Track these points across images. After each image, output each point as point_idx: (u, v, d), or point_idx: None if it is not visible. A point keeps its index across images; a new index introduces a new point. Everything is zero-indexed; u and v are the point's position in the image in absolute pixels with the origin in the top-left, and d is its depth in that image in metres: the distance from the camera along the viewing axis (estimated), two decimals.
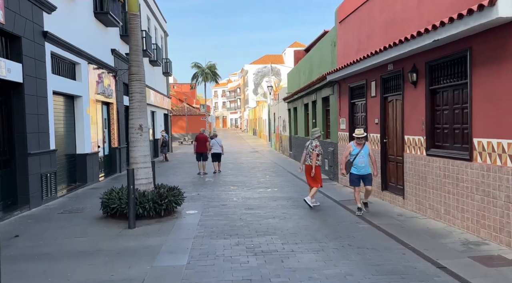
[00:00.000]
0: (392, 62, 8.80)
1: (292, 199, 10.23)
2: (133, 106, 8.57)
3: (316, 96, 15.67)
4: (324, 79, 13.13)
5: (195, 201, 10.20)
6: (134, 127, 8.55)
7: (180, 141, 44.09)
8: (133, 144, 8.55)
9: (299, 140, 20.19)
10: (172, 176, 15.59)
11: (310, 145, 9.32)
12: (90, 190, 12.46)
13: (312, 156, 9.19)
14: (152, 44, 24.58)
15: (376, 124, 9.77)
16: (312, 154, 9.19)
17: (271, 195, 10.91)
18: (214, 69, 48.23)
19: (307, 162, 9.38)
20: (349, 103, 11.62)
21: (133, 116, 8.57)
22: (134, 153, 8.52)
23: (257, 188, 12.22)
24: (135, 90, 8.55)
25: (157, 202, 8.06)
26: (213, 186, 12.95)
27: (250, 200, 10.24)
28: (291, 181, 13.68)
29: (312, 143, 9.31)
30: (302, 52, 24.42)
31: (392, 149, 9.23)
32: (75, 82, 12.94)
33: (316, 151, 9.22)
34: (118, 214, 8.05)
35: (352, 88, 11.48)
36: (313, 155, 9.19)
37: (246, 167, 18.94)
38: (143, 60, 8.80)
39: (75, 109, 13.28)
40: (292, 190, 11.84)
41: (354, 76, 10.96)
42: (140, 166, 8.50)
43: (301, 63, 20.31)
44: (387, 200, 9.33)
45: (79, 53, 12.86)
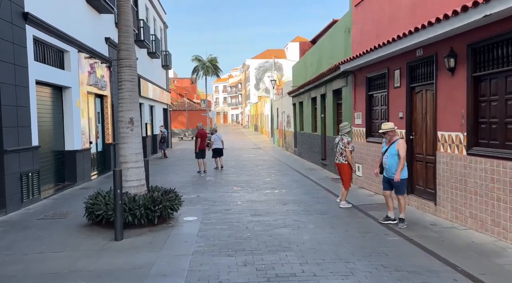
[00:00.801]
0: (422, 47, 7.62)
1: (303, 203, 9.07)
2: (122, 96, 7.40)
3: (326, 89, 14.48)
4: (337, 69, 11.94)
5: (195, 205, 9.05)
6: (123, 121, 7.39)
7: (180, 136, 42.93)
8: (122, 141, 7.39)
9: (305, 136, 19.03)
10: (170, 175, 14.44)
11: (340, 142, 8.70)
12: (79, 191, 11.32)
13: (346, 154, 8.59)
14: (151, 35, 23.36)
15: (400, 118, 8.60)
16: (345, 151, 8.57)
17: (279, 198, 9.76)
18: (215, 62, 46.90)
19: (338, 160, 8.71)
20: (366, 95, 10.44)
21: (122, 108, 7.40)
22: (123, 151, 7.36)
23: (262, 189, 11.08)
24: (125, 77, 7.38)
25: (150, 208, 6.90)
26: (214, 186, 11.80)
27: (256, 203, 9.09)
28: (299, 181, 12.53)
29: (343, 140, 8.63)
30: (308, 44, 23.22)
31: (420, 147, 8.06)
32: (63, 71, 11.76)
33: (349, 148, 8.52)
34: (105, 221, 6.90)
35: (370, 79, 10.29)
36: (347, 153, 8.53)
37: (249, 164, 17.79)
38: (134, 44, 7.63)
39: (64, 102, 12.11)
40: (301, 191, 10.68)
41: (373, 65, 9.78)
42: (131, 166, 7.34)
43: (307, 55, 19.10)
44: (414, 206, 8.17)
45: (67, 40, 11.68)
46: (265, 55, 67.24)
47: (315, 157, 16.81)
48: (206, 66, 46.13)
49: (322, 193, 10.39)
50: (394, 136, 7.10)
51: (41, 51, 10.51)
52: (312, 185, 11.77)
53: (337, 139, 8.84)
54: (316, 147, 16.62)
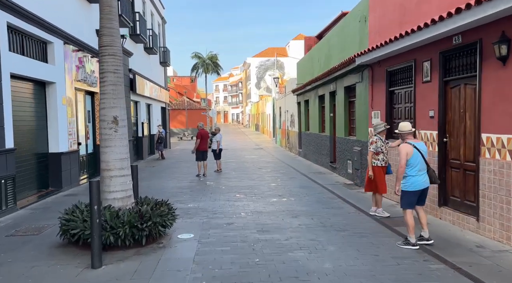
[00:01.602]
0: (461, 33, 6.41)
1: (317, 215, 7.87)
2: (104, 91, 6.19)
3: (336, 86, 13.28)
4: (351, 63, 10.75)
5: (192, 217, 7.85)
6: (106, 120, 6.18)
7: (180, 136, 41.73)
8: (105, 144, 6.19)
9: (311, 137, 17.83)
10: (166, 179, 13.24)
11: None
12: (64, 198, 10.14)
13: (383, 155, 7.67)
14: (148, 30, 22.16)
15: (430, 118, 7.40)
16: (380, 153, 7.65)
17: (288, 208, 8.56)
18: (216, 59, 45.50)
19: (376, 163, 7.65)
20: (386, 91, 9.24)
21: (104, 104, 6.20)
22: (106, 156, 6.16)
23: (268, 197, 9.88)
24: (108, 68, 6.17)
25: (137, 226, 5.71)
26: (214, 193, 10.60)
27: (263, 215, 7.89)
28: (308, 187, 11.33)
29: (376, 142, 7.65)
30: (313, 39, 22.01)
31: (457, 152, 6.86)
32: (46, 65, 10.56)
33: (370, 149, 7.54)
34: (82, 242, 5.71)
35: (391, 73, 9.09)
36: (369, 154, 7.66)
37: (251, 167, 16.59)
38: (118, 28, 6.42)
39: (47, 99, 10.90)
40: (312, 200, 9.49)
41: (396, 57, 8.58)
42: (115, 174, 6.14)
43: (314, 50, 17.89)
44: (448, 220, 6.96)
45: (51, 30, 10.47)
46: (266, 53, 66.03)
47: (323, 159, 15.61)
48: (206, 64, 44.77)
49: (337, 202, 9.19)
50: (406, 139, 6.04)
51: (18, 41, 9.32)
52: (323, 192, 10.57)
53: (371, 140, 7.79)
54: (324, 149, 15.42)
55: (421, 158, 5.83)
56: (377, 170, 7.51)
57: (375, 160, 7.55)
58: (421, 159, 5.83)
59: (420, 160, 5.83)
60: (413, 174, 5.83)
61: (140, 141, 20.82)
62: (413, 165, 5.82)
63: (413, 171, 5.83)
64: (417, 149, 5.83)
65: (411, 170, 5.84)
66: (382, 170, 7.54)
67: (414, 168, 5.83)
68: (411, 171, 5.84)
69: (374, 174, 7.50)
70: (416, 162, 5.82)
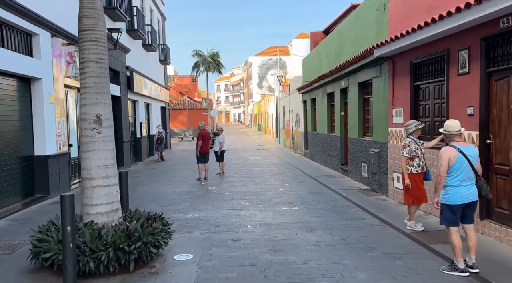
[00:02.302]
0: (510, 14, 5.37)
1: (336, 228, 6.83)
2: (85, 84, 5.17)
3: (348, 82, 12.24)
4: (367, 56, 9.71)
5: (191, 231, 6.83)
6: (87, 119, 5.16)
7: (181, 136, 40.71)
8: (86, 147, 5.17)
9: (318, 137, 16.79)
10: (165, 183, 12.21)
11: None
12: (51, 206, 9.14)
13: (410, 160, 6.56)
14: (146, 25, 21.14)
15: (469, 116, 6.35)
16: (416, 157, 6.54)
17: (301, 219, 7.53)
18: (217, 57, 44.38)
19: (411, 170, 6.55)
20: (411, 86, 8.19)
21: (86, 100, 5.17)
22: (88, 163, 5.14)
23: (277, 205, 8.85)
24: (89, 56, 5.15)
25: (123, 248, 4.68)
26: (217, 200, 9.58)
27: (273, 229, 6.85)
28: (320, 193, 10.29)
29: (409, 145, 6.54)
30: (320, 34, 20.94)
31: (504, 156, 5.81)
32: (30, 59, 9.56)
33: (403, 154, 6.50)
34: (56, 267, 4.68)
35: (417, 65, 8.05)
36: (402, 160, 6.55)
37: (255, 169, 15.56)
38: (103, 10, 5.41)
39: (33, 96, 9.89)
40: (327, 208, 8.45)
41: (423, 47, 7.53)
42: (98, 184, 5.12)
43: (322, 45, 16.85)
44: (493, 236, 5.91)
45: (36, 20, 9.47)
46: (268, 52, 65.00)
47: (333, 161, 14.57)
48: (207, 62, 43.66)
49: (355, 211, 8.15)
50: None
51: None
52: (338, 198, 9.53)
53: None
54: (334, 150, 14.38)
55: (468, 166, 4.78)
56: (413, 178, 6.44)
57: (410, 166, 6.48)
58: (467, 166, 4.77)
59: (466, 168, 4.77)
60: (455, 184, 4.79)
61: (139, 142, 19.82)
62: (455, 173, 4.78)
63: (454, 181, 4.79)
64: (462, 154, 4.78)
65: (453, 179, 4.80)
66: (418, 178, 6.48)
67: (457, 177, 4.78)
68: (452, 180, 4.80)
69: (410, 182, 6.42)
70: (460, 170, 4.78)
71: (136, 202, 9.38)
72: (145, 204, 9.13)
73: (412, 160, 6.47)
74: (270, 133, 41.18)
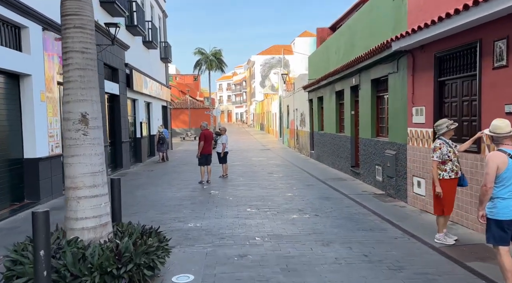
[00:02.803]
0: None
1: (355, 241, 6.09)
2: (69, 78, 4.44)
3: (360, 79, 11.49)
4: (383, 50, 8.96)
5: (193, 244, 6.09)
6: (71, 119, 4.44)
7: (182, 136, 39.99)
8: (69, 152, 4.45)
9: (326, 137, 16.04)
10: (164, 187, 11.49)
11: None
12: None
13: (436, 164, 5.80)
14: (146, 22, 20.42)
15: (507, 114, 5.59)
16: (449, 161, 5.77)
17: (314, 229, 6.79)
18: (220, 56, 43.55)
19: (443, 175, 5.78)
20: (434, 82, 7.43)
21: (69, 97, 4.44)
22: (71, 170, 4.42)
23: (286, 212, 8.11)
24: (73, 45, 4.42)
25: (111, 272, 3.95)
26: (221, 206, 8.85)
27: (285, 242, 6.11)
28: (331, 198, 9.55)
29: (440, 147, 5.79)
30: (327, 31, 20.20)
31: None
32: (19, 54, 8.86)
33: (434, 158, 5.74)
34: None
35: (441, 58, 7.28)
36: (433, 164, 5.79)
37: (260, 171, 14.83)
38: None
39: (22, 94, 9.19)
40: (342, 216, 7.71)
41: (450, 38, 6.77)
42: (84, 194, 4.40)
43: (330, 41, 16.08)
44: None
45: (25, 12, 8.77)
46: (271, 51, 64.22)
47: (342, 163, 13.82)
48: (209, 60, 42.86)
49: (374, 220, 7.40)
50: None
51: None
52: (352, 205, 8.79)
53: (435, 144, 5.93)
54: (343, 151, 13.63)
55: None
56: (445, 185, 5.69)
57: (442, 171, 5.73)
58: None
59: None
60: (505, 196, 4.05)
61: (139, 142, 19.11)
62: (506, 183, 4.04)
63: (505, 192, 4.05)
64: None
65: (503, 190, 4.05)
66: (451, 184, 5.72)
67: (508, 187, 4.04)
68: (502, 191, 4.06)
69: (442, 190, 5.67)
70: (511, 180, 4.04)
71: (133, 209, 8.68)
72: (143, 211, 8.42)
73: (444, 164, 5.72)
74: (273, 132, 40.45)
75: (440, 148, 5.74)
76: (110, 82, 14.86)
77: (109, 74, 15.16)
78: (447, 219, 5.94)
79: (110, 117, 15.22)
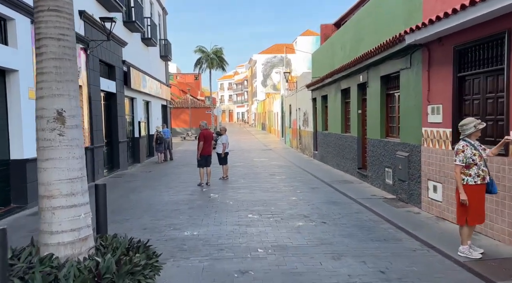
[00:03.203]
0: None
1: (369, 254, 5.47)
2: (43, 69, 3.83)
3: (368, 76, 10.87)
4: (395, 44, 8.34)
5: (188, 256, 5.48)
6: (45, 117, 3.83)
7: (183, 136, 39.40)
8: (43, 155, 3.84)
9: (330, 137, 15.42)
10: (161, 190, 10.88)
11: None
12: (28, 218, 7.88)
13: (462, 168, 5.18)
14: (146, 18, 19.82)
15: None
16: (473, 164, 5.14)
17: (323, 239, 6.17)
18: (221, 54, 42.87)
19: (467, 180, 5.15)
20: (453, 78, 6.81)
21: (43, 91, 3.84)
22: (45, 175, 3.82)
23: (291, 219, 7.50)
24: (47, 31, 3.81)
25: None
26: (220, 211, 8.24)
27: (291, 254, 5.49)
28: (339, 203, 8.93)
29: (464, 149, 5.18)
30: (331, 27, 19.59)
31: None
32: (4, 47, 8.27)
33: (456, 162, 5.14)
34: None
35: (461, 52, 6.66)
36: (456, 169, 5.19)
37: (262, 172, 14.22)
38: None
39: (8, 91, 8.61)
40: (351, 224, 7.09)
41: (471, 29, 6.15)
42: (60, 204, 3.80)
43: (335, 38, 15.47)
44: None
45: (11, 3, 8.18)
46: (273, 50, 63.64)
47: (348, 164, 13.20)
48: (210, 58, 42.23)
49: (387, 229, 6.78)
50: None
51: None
52: (361, 210, 8.17)
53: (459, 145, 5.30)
54: (349, 152, 13.01)
55: None
56: (469, 191, 5.07)
57: (466, 176, 5.11)
58: None
59: None
60: None
61: (137, 142, 18.51)
62: None
63: None
64: None
65: None
66: (477, 191, 5.10)
67: None
68: None
69: (467, 196, 5.05)
70: None
71: (126, 214, 8.09)
72: (136, 217, 7.82)
73: (468, 169, 5.10)
74: (275, 132, 39.87)
75: (463, 150, 5.12)
76: (106, 80, 14.27)
77: (105, 71, 14.57)
78: (472, 229, 5.32)
79: (106, 116, 14.63)
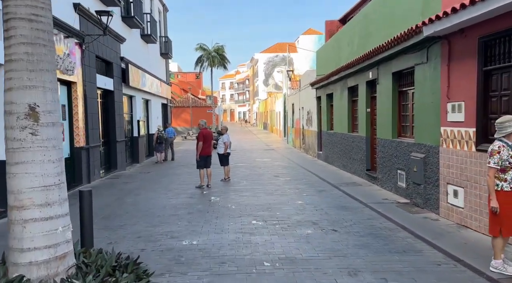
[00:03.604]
0: None
1: (389, 269, 4.86)
2: (11, 56, 3.26)
3: (378, 72, 10.27)
4: (412, 36, 7.72)
5: (185, 271, 4.88)
6: (14, 113, 3.27)
7: (184, 135, 38.84)
8: (13, 158, 3.28)
9: (336, 137, 14.82)
10: (160, 192, 10.29)
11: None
12: None
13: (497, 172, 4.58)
14: (145, 14, 19.24)
15: None
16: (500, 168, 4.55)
17: (335, 250, 5.57)
18: (222, 52, 42.24)
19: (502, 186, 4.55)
20: (478, 72, 6.20)
21: (12, 82, 3.27)
22: (16, 183, 3.26)
23: (299, 226, 6.90)
24: (17, 11, 3.23)
25: None
26: (221, 217, 7.65)
27: (300, 268, 4.89)
28: (349, 207, 8.33)
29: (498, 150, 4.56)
30: (336, 23, 18.96)
31: None
32: None
33: (490, 164, 4.55)
34: None
35: (487, 44, 6.05)
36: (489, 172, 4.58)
37: (265, 174, 13.64)
38: None
39: None
40: (365, 231, 6.49)
41: (499, 18, 5.54)
42: (33, 216, 3.22)
43: (341, 33, 14.87)
44: None
45: None
46: (275, 49, 63.00)
47: (355, 165, 12.60)
48: (211, 56, 41.62)
49: (404, 238, 6.17)
50: None
51: None
52: (374, 216, 7.57)
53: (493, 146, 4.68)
54: (357, 153, 12.41)
55: None
56: (504, 198, 4.47)
57: (500, 181, 4.51)
58: None
59: None
60: None
61: (136, 141, 17.93)
62: None
63: None
64: None
65: None
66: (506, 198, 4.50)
67: None
68: None
69: (500, 204, 4.46)
70: None
71: (120, 220, 7.51)
72: (131, 223, 7.24)
73: (503, 173, 4.49)
74: (277, 132, 39.29)
75: (499, 152, 4.52)
76: (103, 77, 13.70)
77: (102, 67, 14.00)
78: (506, 241, 4.72)
79: (103, 115, 14.07)
